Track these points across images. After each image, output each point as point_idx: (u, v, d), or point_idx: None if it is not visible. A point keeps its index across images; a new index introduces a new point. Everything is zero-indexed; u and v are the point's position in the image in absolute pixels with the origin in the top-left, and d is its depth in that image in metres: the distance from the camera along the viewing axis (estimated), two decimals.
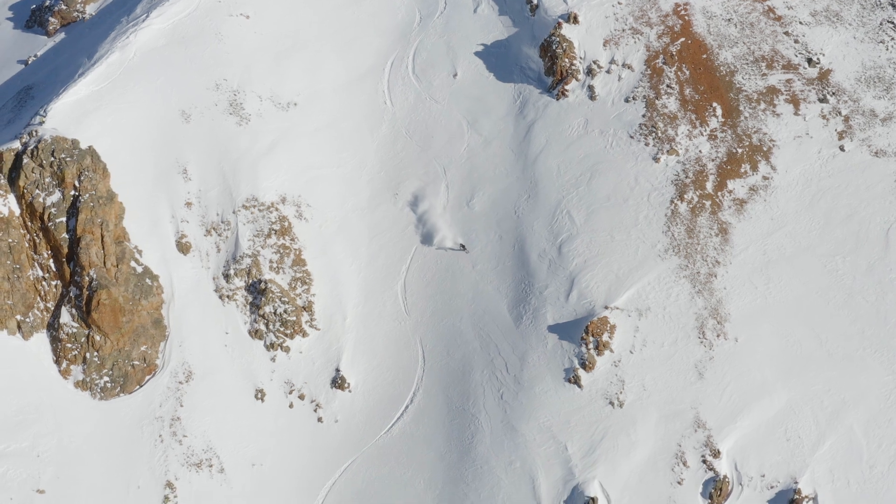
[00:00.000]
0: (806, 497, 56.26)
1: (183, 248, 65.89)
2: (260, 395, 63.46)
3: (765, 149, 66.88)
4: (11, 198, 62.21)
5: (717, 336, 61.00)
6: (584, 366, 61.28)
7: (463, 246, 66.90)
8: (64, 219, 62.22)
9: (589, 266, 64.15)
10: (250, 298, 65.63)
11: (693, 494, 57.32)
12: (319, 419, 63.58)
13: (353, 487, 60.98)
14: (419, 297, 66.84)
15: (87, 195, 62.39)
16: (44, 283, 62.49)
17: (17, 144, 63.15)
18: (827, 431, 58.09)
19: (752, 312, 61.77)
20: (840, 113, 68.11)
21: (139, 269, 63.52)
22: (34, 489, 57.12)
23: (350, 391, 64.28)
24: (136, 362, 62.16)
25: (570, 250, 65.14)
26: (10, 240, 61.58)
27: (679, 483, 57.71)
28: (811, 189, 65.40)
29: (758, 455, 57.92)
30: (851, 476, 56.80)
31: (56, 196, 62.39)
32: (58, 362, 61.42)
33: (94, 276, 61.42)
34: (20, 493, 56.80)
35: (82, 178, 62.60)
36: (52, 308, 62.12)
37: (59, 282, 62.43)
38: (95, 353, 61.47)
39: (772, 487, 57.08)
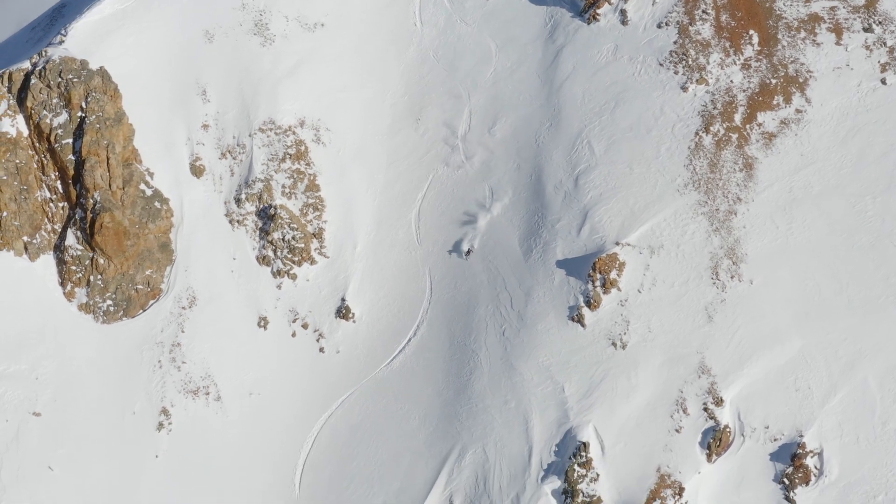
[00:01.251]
0: (811, 452, 53.25)
1: (196, 171, 65.21)
2: (263, 322, 62.81)
3: (801, 80, 62.64)
4: (20, 118, 62.16)
5: (732, 277, 57.88)
6: (588, 304, 58.88)
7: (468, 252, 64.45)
8: (70, 140, 61.98)
9: (604, 199, 61.37)
10: (260, 224, 64.78)
11: (691, 443, 54.77)
12: (321, 350, 62.73)
13: (348, 421, 60.09)
14: (432, 226, 65.03)
15: (94, 116, 61.90)
16: (51, 204, 62.57)
17: (27, 65, 62.89)
18: (839, 383, 54.73)
19: (770, 253, 58.31)
20: (885, 44, 63.24)
21: (148, 192, 63.09)
22: (30, 412, 57.71)
23: (354, 322, 63.17)
24: (140, 286, 62.01)
25: (587, 182, 62.39)
26: (17, 160, 61.66)
27: (677, 431, 55.21)
28: (846, 124, 61.08)
29: (763, 405, 54.97)
30: (861, 432, 53.42)
31: (63, 117, 62.09)
32: (62, 284, 61.67)
33: (98, 199, 61.20)
34: (16, 415, 57.43)
35: (89, 99, 62.10)
36: (59, 230, 62.25)
37: (65, 203, 62.46)
38: (99, 277, 61.49)
39: (775, 440, 54.18)
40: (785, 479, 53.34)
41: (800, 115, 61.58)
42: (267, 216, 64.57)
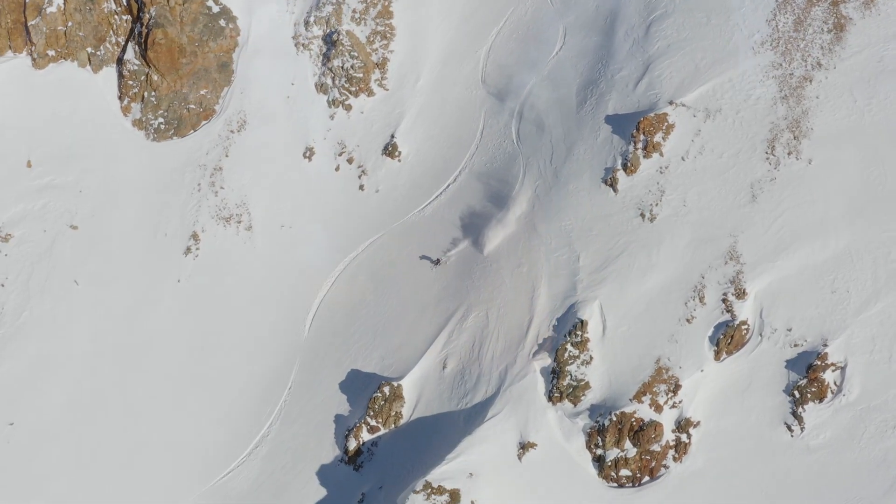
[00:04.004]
0: (832, 365, 45.96)
1: None
2: (308, 153, 60.64)
3: None
4: None
5: (789, 154, 49.90)
6: (625, 167, 52.66)
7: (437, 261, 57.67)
8: None
9: (671, 51, 54.21)
10: (324, 49, 61.87)
11: (700, 337, 48.49)
12: (361, 187, 60.01)
13: (370, 266, 57.62)
14: (498, 66, 60.05)
15: None
16: (116, 16, 62.10)
17: None
18: (884, 291, 46.54)
19: (839, 131, 49.77)
20: None
21: (215, 9, 61.44)
22: (68, 224, 58.83)
23: (399, 161, 59.86)
24: (192, 106, 61.06)
25: (658, 30, 55.23)
26: None
27: (688, 321, 49.00)
28: None
29: (790, 304, 47.68)
30: None
31: None
32: (120, 98, 61.84)
33: (154, 14, 60.12)
34: (54, 226, 58.80)
35: None
36: (122, 43, 61.88)
37: (129, 16, 61.81)
38: (153, 93, 60.99)
39: (795, 345, 47.09)
40: (796, 392, 46.49)
41: None
42: (330, 41, 61.51)
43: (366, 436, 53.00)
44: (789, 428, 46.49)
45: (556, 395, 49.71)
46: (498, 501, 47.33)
